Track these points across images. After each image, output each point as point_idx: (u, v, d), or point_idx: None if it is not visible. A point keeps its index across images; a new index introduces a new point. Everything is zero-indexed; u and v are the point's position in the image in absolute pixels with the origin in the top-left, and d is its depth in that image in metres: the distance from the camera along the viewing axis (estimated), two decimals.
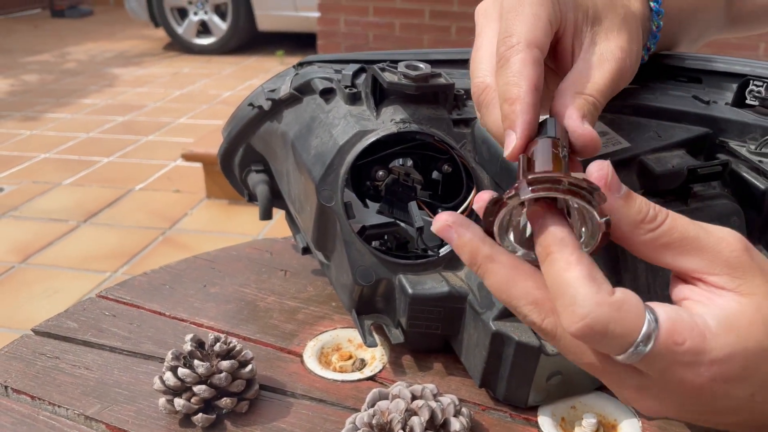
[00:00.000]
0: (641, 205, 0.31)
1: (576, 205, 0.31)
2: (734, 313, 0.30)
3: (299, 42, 5.15)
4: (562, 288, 0.29)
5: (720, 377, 0.30)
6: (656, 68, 0.55)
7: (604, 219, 0.30)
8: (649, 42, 0.48)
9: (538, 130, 0.35)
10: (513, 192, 0.31)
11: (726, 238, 0.31)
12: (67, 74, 4.53)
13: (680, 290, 0.32)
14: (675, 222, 0.31)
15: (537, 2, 0.37)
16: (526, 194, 0.30)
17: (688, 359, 0.29)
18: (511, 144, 0.34)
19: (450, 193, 0.56)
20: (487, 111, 0.38)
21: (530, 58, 0.35)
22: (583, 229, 0.32)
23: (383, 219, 0.56)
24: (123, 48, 5.44)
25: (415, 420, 0.43)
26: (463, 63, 0.59)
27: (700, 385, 0.30)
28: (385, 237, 0.58)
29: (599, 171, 0.31)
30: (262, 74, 4.44)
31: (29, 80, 4.37)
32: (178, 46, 5.21)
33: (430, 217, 0.55)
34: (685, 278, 0.32)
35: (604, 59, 0.39)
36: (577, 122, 0.35)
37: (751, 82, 0.47)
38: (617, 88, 0.39)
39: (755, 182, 0.44)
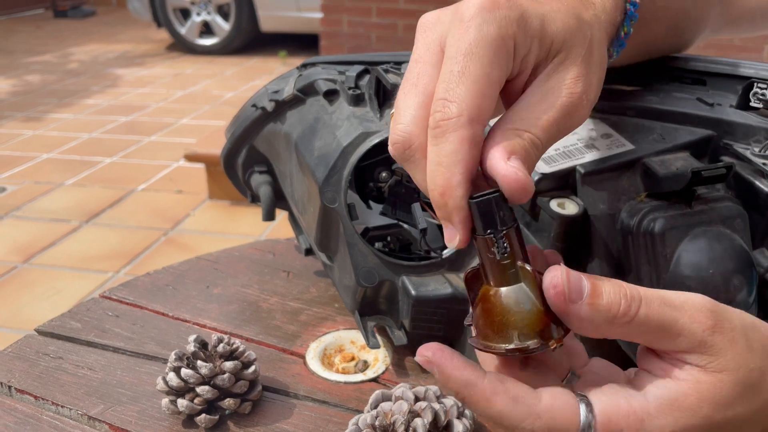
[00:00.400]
0: (610, 300, 0.30)
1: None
2: (683, 391, 0.30)
3: (302, 43, 5.15)
4: (499, 420, 0.30)
5: None
6: (660, 70, 0.55)
7: (553, 347, 0.30)
8: (612, 49, 0.41)
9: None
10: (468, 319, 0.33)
11: (697, 316, 0.30)
12: (70, 75, 4.53)
13: (645, 359, 0.32)
14: (649, 310, 0.30)
15: (492, 56, 0.30)
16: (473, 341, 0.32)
17: None
18: (453, 238, 0.32)
19: None
20: (413, 168, 0.32)
21: (469, 136, 0.30)
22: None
23: (386, 220, 0.56)
24: (125, 48, 5.44)
25: (418, 422, 0.43)
26: None
27: None
28: (389, 238, 0.58)
29: (555, 289, 0.29)
30: (265, 75, 4.45)
31: (32, 80, 4.37)
32: (181, 46, 5.21)
33: (433, 219, 0.55)
34: (655, 351, 0.32)
35: (553, 91, 0.32)
36: (500, 162, 0.30)
37: (756, 84, 0.47)
38: (568, 125, 0.33)
39: (759, 185, 0.44)
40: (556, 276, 0.30)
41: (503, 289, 0.30)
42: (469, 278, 0.33)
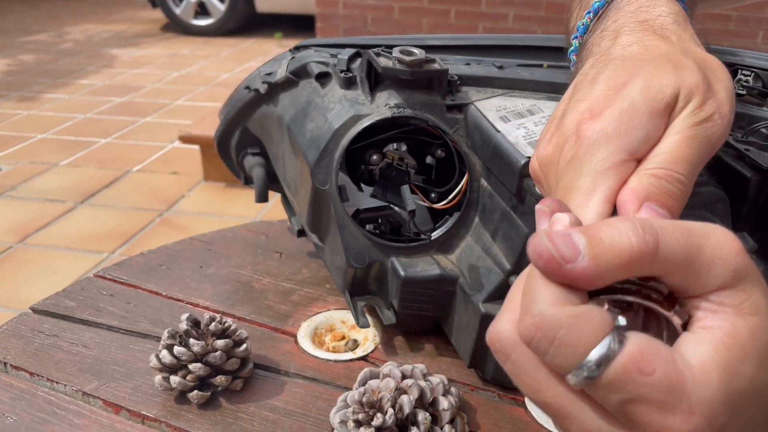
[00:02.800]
0: (616, 242, 0.24)
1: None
2: (721, 347, 0.24)
3: (298, 24, 5.11)
4: (528, 294, 0.25)
5: (706, 429, 0.24)
6: None
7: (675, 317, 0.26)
8: None
9: None
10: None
11: (724, 239, 0.25)
12: (65, 54, 4.50)
13: None
14: (670, 240, 0.25)
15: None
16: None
17: (659, 396, 0.23)
18: None
19: (444, 177, 0.56)
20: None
21: None
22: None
23: (377, 203, 0.57)
24: (121, 28, 5.40)
25: (404, 398, 0.44)
26: (458, 49, 0.59)
27: None
28: (380, 220, 0.59)
29: (541, 258, 0.25)
30: (260, 56, 4.42)
31: (26, 60, 4.34)
32: (176, 26, 5.17)
33: (423, 201, 0.56)
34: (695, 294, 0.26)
35: (677, 128, 0.31)
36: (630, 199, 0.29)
37: (739, 71, 0.48)
38: (704, 153, 0.32)
39: (741, 170, 0.45)
40: (537, 242, 0.25)
41: None
42: None
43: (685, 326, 0.26)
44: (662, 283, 0.25)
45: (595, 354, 0.23)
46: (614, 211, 0.30)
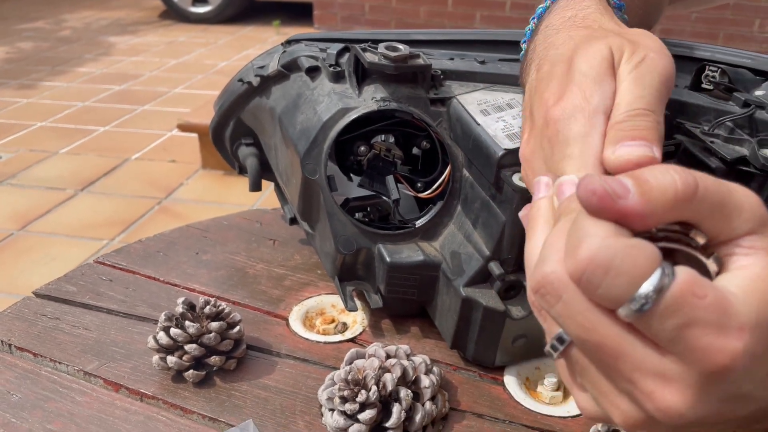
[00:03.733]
0: (661, 181, 0.26)
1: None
2: (759, 279, 0.25)
3: (296, 12, 5.11)
4: (576, 232, 0.26)
5: (751, 352, 0.24)
6: None
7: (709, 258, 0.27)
8: None
9: None
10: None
11: (749, 192, 0.27)
12: (63, 42, 4.50)
13: None
14: (706, 182, 0.26)
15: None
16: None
17: (712, 317, 0.24)
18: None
19: (430, 168, 0.59)
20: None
21: None
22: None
23: (366, 192, 0.59)
24: (118, 15, 5.39)
25: (387, 376, 0.47)
26: (443, 44, 0.62)
27: (729, 364, 0.24)
28: (368, 209, 0.61)
29: (596, 194, 0.26)
30: (258, 44, 4.42)
31: (24, 48, 4.34)
32: (174, 14, 5.16)
33: (409, 191, 0.58)
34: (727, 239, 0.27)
35: (622, 75, 0.36)
36: (607, 155, 0.32)
37: (707, 67, 0.50)
38: (658, 83, 0.35)
39: (706, 161, 0.47)
40: (589, 181, 0.26)
41: None
42: None
43: (719, 275, 0.27)
44: (700, 231, 0.27)
45: (650, 283, 0.24)
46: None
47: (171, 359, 0.52)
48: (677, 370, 0.25)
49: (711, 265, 0.27)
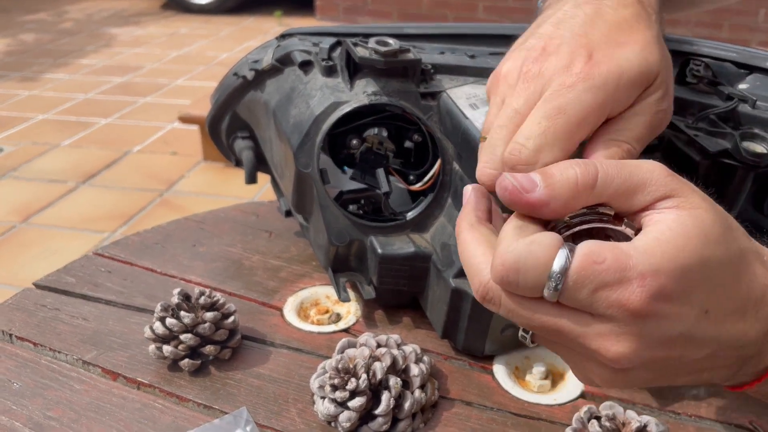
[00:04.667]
0: (564, 174, 0.30)
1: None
2: (665, 230, 0.29)
3: (297, 2, 5.10)
4: (498, 245, 0.31)
5: (659, 294, 0.28)
6: None
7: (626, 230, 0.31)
8: None
9: None
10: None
11: (653, 166, 0.30)
12: (64, 34, 4.51)
13: None
14: (607, 168, 0.30)
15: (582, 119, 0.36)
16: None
17: (613, 277, 0.28)
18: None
19: (421, 161, 0.60)
20: None
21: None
22: None
23: (359, 185, 0.60)
24: (120, 7, 5.39)
25: (377, 365, 0.48)
26: (435, 38, 0.62)
27: (641, 308, 0.28)
28: (362, 201, 0.62)
29: (506, 190, 0.31)
30: (260, 35, 4.42)
31: (26, 40, 4.35)
32: (176, 5, 5.16)
33: (401, 183, 0.59)
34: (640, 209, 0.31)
35: (644, 110, 0.38)
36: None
37: (691, 61, 0.51)
38: (654, 135, 0.39)
39: (690, 154, 0.48)
40: (502, 179, 0.31)
41: None
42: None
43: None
44: (607, 205, 0.31)
45: (556, 265, 0.28)
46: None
47: (167, 349, 0.53)
48: (607, 326, 0.29)
49: (626, 230, 0.31)
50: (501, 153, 0.36)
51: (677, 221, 0.29)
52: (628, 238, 0.30)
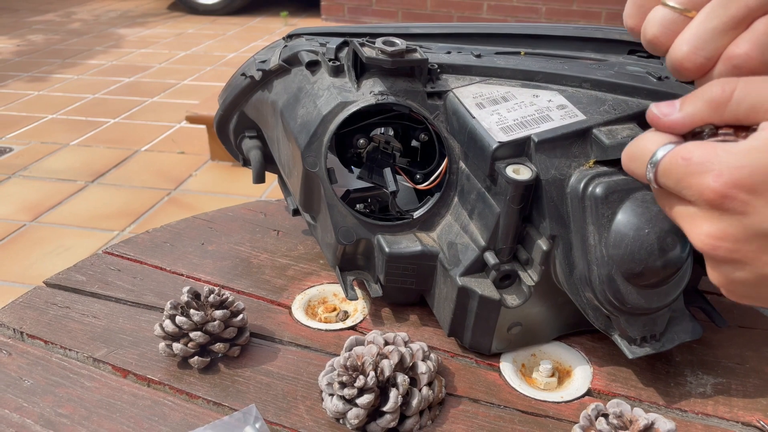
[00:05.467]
0: (703, 90, 0.34)
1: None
2: (762, 137, 0.31)
3: (303, 2, 5.12)
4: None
5: (734, 185, 0.31)
6: (619, 45, 0.59)
7: None
8: None
9: None
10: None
11: None
12: (73, 34, 4.53)
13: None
14: (744, 88, 0.33)
15: None
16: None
17: (697, 169, 0.32)
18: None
19: (428, 160, 0.60)
20: None
21: None
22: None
23: (366, 184, 0.61)
24: (127, 7, 5.41)
25: (385, 363, 0.49)
26: (441, 37, 0.63)
27: (715, 196, 0.32)
28: (368, 200, 0.63)
29: (649, 115, 0.37)
30: (266, 36, 4.43)
31: (35, 40, 4.38)
32: (183, 5, 5.18)
33: (407, 182, 0.59)
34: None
35: None
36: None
37: None
38: None
39: None
40: (651, 108, 0.37)
41: None
42: None
43: None
44: (729, 126, 0.34)
45: (653, 158, 0.35)
46: None
47: (177, 346, 0.54)
48: (693, 209, 0.34)
49: (741, 138, 0.33)
50: (722, 46, 0.36)
51: None
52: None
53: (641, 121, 0.51)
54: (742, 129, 0.34)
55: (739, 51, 0.36)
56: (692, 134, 0.35)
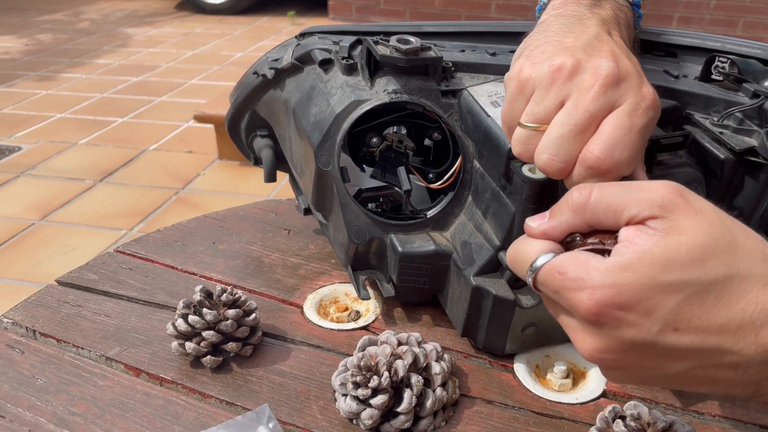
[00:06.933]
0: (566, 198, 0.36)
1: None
2: (628, 252, 0.32)
3: (310, 2, 5.11)
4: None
5: (607, 303, 0.32)
6: (636, 44, 0.58)
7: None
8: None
9: None
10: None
11: (660, 186, 0.33)
12: (81, 34, 4.54)
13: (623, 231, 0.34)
14: (601, 191, 0.34)
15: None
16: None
17: (572, 285, 0.33)
18: None
19: (441, 159, 0.60)
20: None
21: None
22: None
23: (378, 183, 0.60)
24: (135, 7, 5.43)
25: (399, 363, 0.48)
26: (455, 36, 0.62)
27: (590, 313, 0.32)
28: (381, 199, 0.62)
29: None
30: (273, 35, 4.43)
31: (43, 40, 4.39)
32: (190, 5, 5.19)
33: (420, 181, 0.59)
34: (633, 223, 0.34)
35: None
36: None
37: (717, 58, 0.50)
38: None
39: (715, 152, 0.48)
40: (525, 222, 0.38)
41: None
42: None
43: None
44: (596, 232, 0.35)
45: (536, 262, 0.36)
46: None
47: (189, 345, 0.53)
48: (573, 320, 0.35)
49: (609, 247, 0.34)
50: (574, 151, 0.40)
51: (645, 245, 0.32)
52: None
53: (658, 120, 0.50)
54: (607, 234, 0.35)
55: (590, 155, 0.39)
56: (564, 243, 0.36)
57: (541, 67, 0.42)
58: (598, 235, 0.35)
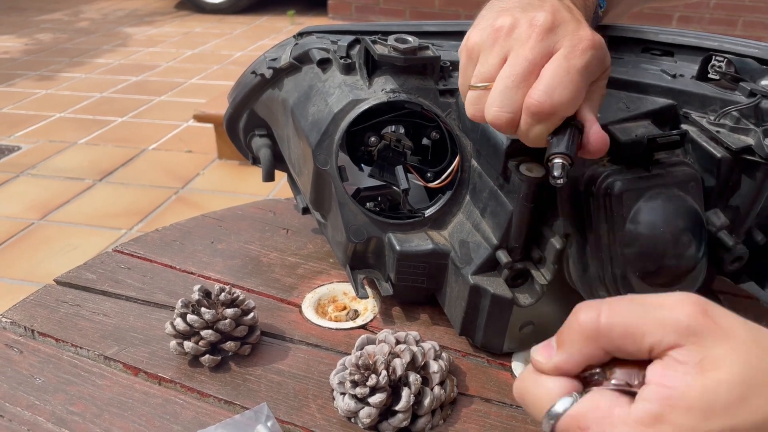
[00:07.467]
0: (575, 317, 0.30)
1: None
2: (669, 402, 0.27)
3: (310, 1, 5.11)
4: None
5: None
6: (633, 43, 0.58)
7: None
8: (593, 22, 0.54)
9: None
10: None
11: (680, 303, 0.28)
12: (80, 33, 4.54)
13: (649, 368, 0.29)
14: (611, 312, 0.29)
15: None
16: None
17: None
18: None
19: (439, 158, 0.60)
20: None
21: None
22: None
23: (377, 182, 0.61)
24: (135, 6, 5.42)
25: (397, 362, 0.48)
26: (453, 35, 0.62)
27: None
28: (379, 199, 0.62)
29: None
30: (273, 34, 4.43)
31: (43, 39, 4.39)
32: (190, 4, 5.19)
33: (418, 181, 0.59)
34: (657, 356, 0.29)
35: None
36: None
37: (713, 57, 0.50)
38: None
39: (712, 150, 0.48)
40: (532, 353, 0.33)
41: None
42: None
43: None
44: (615, 368, 0.30)
45: (553, 409, 0.30)
46: None
47: (188, 344, 0.54)
48: None
49: (635, 389, 0.29)
50: (519, 99, 0.41)
51: (678, 387, 0.27)
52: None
53: (656, 119, 0.50)
54: (630, 364, 0.29)
55: (530, 100, 0.40)
56: (582, 378, 0.31)
57: (483, 32, 0.44)
58: (619, 366, 0.30)
